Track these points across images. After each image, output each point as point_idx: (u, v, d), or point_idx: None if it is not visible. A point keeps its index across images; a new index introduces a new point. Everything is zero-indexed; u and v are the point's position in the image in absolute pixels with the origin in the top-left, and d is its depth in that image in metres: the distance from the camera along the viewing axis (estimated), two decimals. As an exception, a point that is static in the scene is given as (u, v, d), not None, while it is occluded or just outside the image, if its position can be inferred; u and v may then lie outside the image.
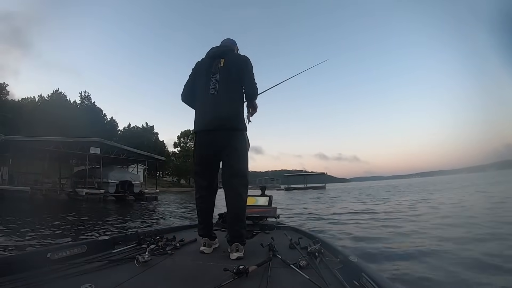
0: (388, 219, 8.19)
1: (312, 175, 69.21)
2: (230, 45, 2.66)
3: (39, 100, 57.03)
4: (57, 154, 25.55)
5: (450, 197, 15.08)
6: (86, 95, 62.67)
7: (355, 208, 12.24)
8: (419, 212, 9.60)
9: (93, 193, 22.24)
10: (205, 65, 2.47)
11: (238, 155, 2.29)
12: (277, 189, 68.41)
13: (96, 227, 8.16)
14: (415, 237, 5.59)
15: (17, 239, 5.87)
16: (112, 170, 26.00)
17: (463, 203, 11.62)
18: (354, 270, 1.58)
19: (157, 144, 67.43)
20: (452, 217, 7.87)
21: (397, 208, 11.10)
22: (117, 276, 1.62)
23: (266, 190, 3.96)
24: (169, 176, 74.49)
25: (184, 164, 67.96)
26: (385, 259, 4.13)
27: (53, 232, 6.83)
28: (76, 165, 31.64)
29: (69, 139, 24.83)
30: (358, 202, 15.80)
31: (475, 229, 6.00)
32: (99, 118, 61.74)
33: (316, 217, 9.51)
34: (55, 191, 22.53)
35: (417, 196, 17.85)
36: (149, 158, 30.57)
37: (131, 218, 11.16)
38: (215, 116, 2.27)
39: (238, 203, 2.26)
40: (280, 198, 23.25)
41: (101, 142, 24.95)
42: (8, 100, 47.44)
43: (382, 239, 5.47)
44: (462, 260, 3.81)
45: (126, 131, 67.94)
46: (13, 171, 24.86)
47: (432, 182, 51.13)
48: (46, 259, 1.78)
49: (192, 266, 1.88)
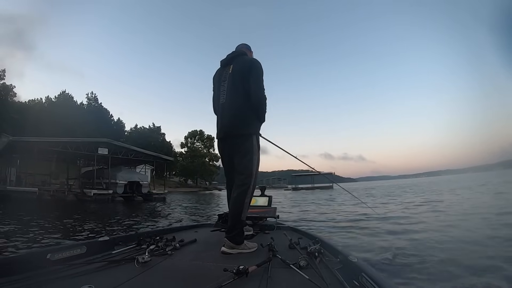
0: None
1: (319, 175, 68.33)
2: (241, 50, 2.67)
3: (46, 101, 57.24)
4: (64, 155, 25.48)
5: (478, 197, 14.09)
6: (93, 96, 62.87)
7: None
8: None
9: (101, 193, 21.99)
10: (218, 74, 2.59)
11: (242, 159, 2.36)
12: (284, 189, 68.12)
13: (118, 227, 7.93)
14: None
15: (26, 240, 5.57)
16: (120, 170, 25.75)
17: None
18: (354, 270, 1.58)
19: (164, 144, 66.96)
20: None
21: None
22: (117, 276, 1.62)
23: (274, 191, 3.69)
24: (176, 177, 74.35)
25: (192, 165, 67.77)
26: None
27: (65, 234, 6.55)
28: (83, 166, 31.55)
29: (77, 139, 24.74)
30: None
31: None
32: (106, 119, 61.87)
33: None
34: (63, 192, 22.34)
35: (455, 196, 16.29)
36: (157, 159, 30.24)
37: (148, 218, 10.83)
38: (222, 124, 2.43)
39: (236, 203, 2.29)
40: (286, 201, 20.62)
41: (109, 143, 24.66)
42: (15, 101, 47.51)
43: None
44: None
45: (133, 132, 67.79)
46: (20, 172, 24.83)
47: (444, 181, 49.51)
48: (46, 260, 1.77)
49: (192, 266, 1.88)
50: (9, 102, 44.07)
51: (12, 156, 24.90)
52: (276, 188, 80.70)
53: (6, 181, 24.50)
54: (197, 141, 73.48)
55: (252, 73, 2.37)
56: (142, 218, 10.91)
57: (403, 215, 8.50)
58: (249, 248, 2.27)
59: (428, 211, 9.49)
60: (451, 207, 10.04)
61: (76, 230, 7.27)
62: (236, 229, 2.24)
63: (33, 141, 21.27)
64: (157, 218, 11.06)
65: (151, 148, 42.65)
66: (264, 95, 2.41)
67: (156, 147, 53.04)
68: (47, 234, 6.26)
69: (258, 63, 2.43)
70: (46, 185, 24.34)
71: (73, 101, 58.85)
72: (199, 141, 73.17)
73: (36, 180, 23.83)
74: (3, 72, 43.16)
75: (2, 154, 24.43)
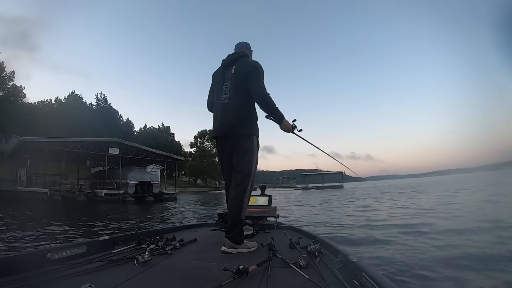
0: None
1: (329, 174, 68.15)
2: (242, 50, 2.69)
3: (55, 102, 57.63)
4: (74, 155, 25.42)
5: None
6: (102, 97, 63.15)
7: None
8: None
9: (112, 193, 21.78)
10: (219, 74, 2.60)
11: (242, 158, 2.37)
12: (294, 188, 67.44)
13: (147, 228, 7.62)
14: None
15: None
16: (131, 170, 25.52)
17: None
18: (354, 270, 1.55)
19: (173, 144, 66.94)
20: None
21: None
22: (117, 276, 1.61)
23: (283, 190, 3.27)
24: (186, 176, 74.37)
25: (201, 164, 67.70)
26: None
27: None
28: (92, 166, 31.40)
29: (88, 139, 24.63)
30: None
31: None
32: (115, 119, 62.21)
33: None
34: (73, 192, 22.22)
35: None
36: (168, 158, 30.00)
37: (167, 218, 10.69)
38: (222, 123, 2.44)
39: (235, 202, 2.30)
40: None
41: (120, 143, 24.41)
42: (25, 102, 47.87)
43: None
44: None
45: (142, 132, 67.92)
46: (31, 173, 24.78)
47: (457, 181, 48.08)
48: (46, 260, 1.76)
49: (192, 266, 1.86)
50: (18, 103, 44.40)
51: (23, 157, 24.94)
52: (286, 187, 79.76)
53: (16, 181, 24.46)
54: (206, 140, 73.52)
55: (255, 76, 2.40)
56: (164, 219, 10.99)
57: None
58: (249, 248, 2.27)
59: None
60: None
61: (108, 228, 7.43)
62: (236, 229, 2.24)
63: (44, 142, 21.17)
64: (176, 217, 10.98)
65: (161, 148, 42.37)
66: (267, 94, 2.40)
67: (166, 147, 52.80)
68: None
69: (261, 66, 2.48)
70: (57, 186, 24.35)
71: (82, 101, 59.15)
72: (208, 140, 73.06)
73: (46, 180, 23.66)
74: (12, 73, 43.21)
75: (13, 154, 24.47)
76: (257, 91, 2.37)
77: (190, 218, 10.62)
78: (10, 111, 40.45)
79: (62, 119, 47.48)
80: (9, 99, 41.73)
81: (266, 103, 2.41)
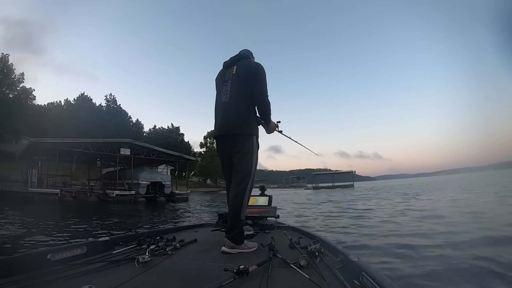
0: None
1: (339, 173, 67.58)
2: (244, 54, 2.67)
3: (65, 104, 57.92)
4: (84, 156, 25.32)
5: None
6: (111, 98, 63.33)
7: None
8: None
9: (123, 194, 21.40)
10: (221, 74, 2.61)
11: (242, 158, 2.35)
12: (304, 188, 66.62)
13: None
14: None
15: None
16: (143, 171, 25.16)
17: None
18: (355, 270, 1.55)
19: (183, 145, 66.90)
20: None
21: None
22: (117, 276, 1.61)
23: (293, 190, 2.78)
24: (195, 177, 74.27)
25: (211, 164, 67.47)
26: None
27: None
28: (103, 167, 31.26)
29: (99, 140, 24.28)
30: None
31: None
32: (124, 120, 62.45)
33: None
34: (84, 193, 21.90)
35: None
36: (179, 159, 29.59)
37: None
38: (223, 122, 2.43)
39: (235, 203, 2.29)
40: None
41: (131, 143, 23.98)
42: (35, 104, 48.02)
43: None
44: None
45: (152, 133, 67.98)
46: (42, 174, 24.70)
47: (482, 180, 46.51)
48: (46, 260, 1.75)
49: (192, 266, 1.85)
50: (29, 105, 44.46)
51: (33, 158, 24.93)
52: (296, 187, 78.74)
53: (27, 182, 24.40)
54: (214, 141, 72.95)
55: (257, 77, 2.39)
56: (184, 219, 11.15)
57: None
58: (250, 248, 2.25)
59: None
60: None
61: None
62: (236, 229, 2.22)
63: (55, 142, 20.89)
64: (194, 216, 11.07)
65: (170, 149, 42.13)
66: (268, 100, 2.45)
67: (176, 148, 52.57)
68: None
69: (263, 68, 2.46)
70: (67, 186, 24.21)
71: (91, 103, 59.42)
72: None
73: (57, 181, 23.42)
74: (22, 75, 43.13)
75: (23, 156, 24.39)
76: (260, 93, 2.39)
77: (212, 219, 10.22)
78: (20, 113, 40.50)
79: (71, 121, 47.80)
80: (19, 101, 41.69)
81: (265, 107, 2.46)
